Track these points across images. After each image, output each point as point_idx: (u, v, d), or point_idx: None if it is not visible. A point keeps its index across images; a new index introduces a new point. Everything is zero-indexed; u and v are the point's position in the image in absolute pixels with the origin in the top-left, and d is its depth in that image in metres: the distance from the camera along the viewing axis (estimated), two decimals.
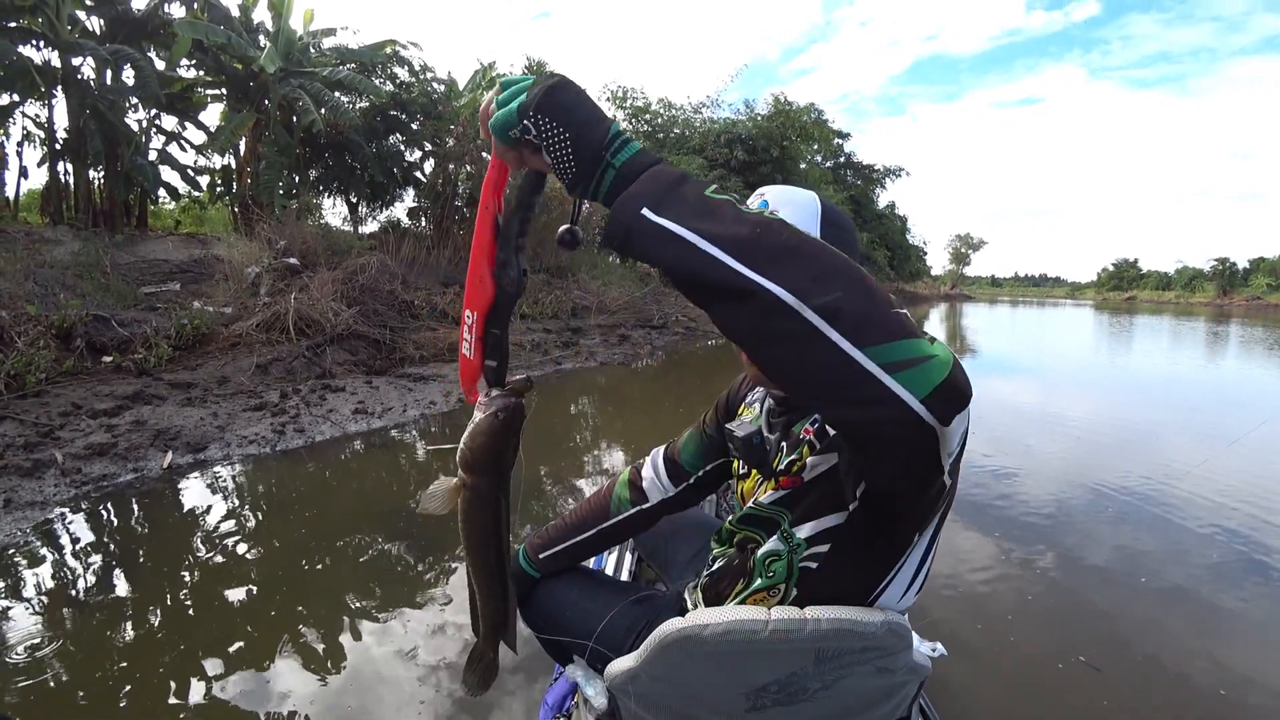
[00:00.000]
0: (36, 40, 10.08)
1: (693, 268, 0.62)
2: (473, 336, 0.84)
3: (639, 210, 0.64)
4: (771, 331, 0.60)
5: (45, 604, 2.54)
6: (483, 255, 0.81)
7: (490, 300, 0.82)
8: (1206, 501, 3.99)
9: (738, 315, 0.62)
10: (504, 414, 0.82)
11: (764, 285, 0.60)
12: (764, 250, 0.61)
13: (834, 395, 0.61)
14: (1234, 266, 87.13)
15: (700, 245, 0.61)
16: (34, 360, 5.00)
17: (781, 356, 0.61)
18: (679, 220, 0.63)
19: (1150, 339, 19.20)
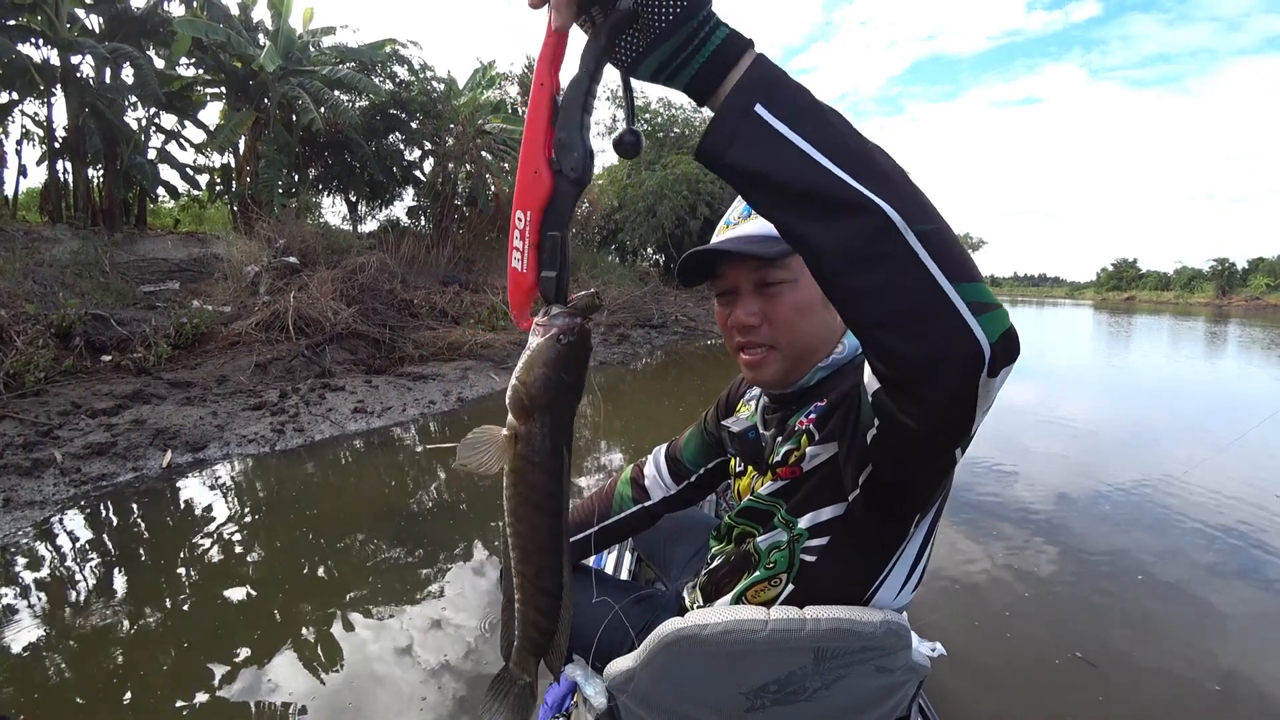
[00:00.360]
0: (36, 38, 10.08)
1: (802, 180, 0.59)
2: (525, 243, 0.71)
3: (750, 106, 0.59)
4: (872, 253, 0.59)
5: (45, 603, 2.54)
6: (537, 145, 0.69)
7: (548, 194, 0.70)
8: (1202, 501, 4.00)
9: (839, 232, 0.59)
10: (568, 337, 0.68)
11: (876, 201, 0.58)
12: (875, 167, 0.59)
13: (913, 326, 0.60)
14: (1233, 267, 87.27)
15: (813, 155, 0.58)
16: (33, 359, 5.00)
17: (873, 281, 0.59)
18: (792, 123, 0.59)
19: (1149, 339, 19.22)
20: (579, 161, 0.69)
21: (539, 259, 0.72)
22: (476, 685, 2.08)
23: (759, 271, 1.01)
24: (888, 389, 0.68)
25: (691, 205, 18.75)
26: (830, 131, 0.59)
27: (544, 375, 0.68)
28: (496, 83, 14.34)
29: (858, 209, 0.58)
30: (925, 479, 0.80)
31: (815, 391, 1.03)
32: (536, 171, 0.70)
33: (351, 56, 12.65)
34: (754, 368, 1.05)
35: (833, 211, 0.58)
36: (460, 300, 9.67)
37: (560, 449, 0.71)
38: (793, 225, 0.61)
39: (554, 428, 0.70)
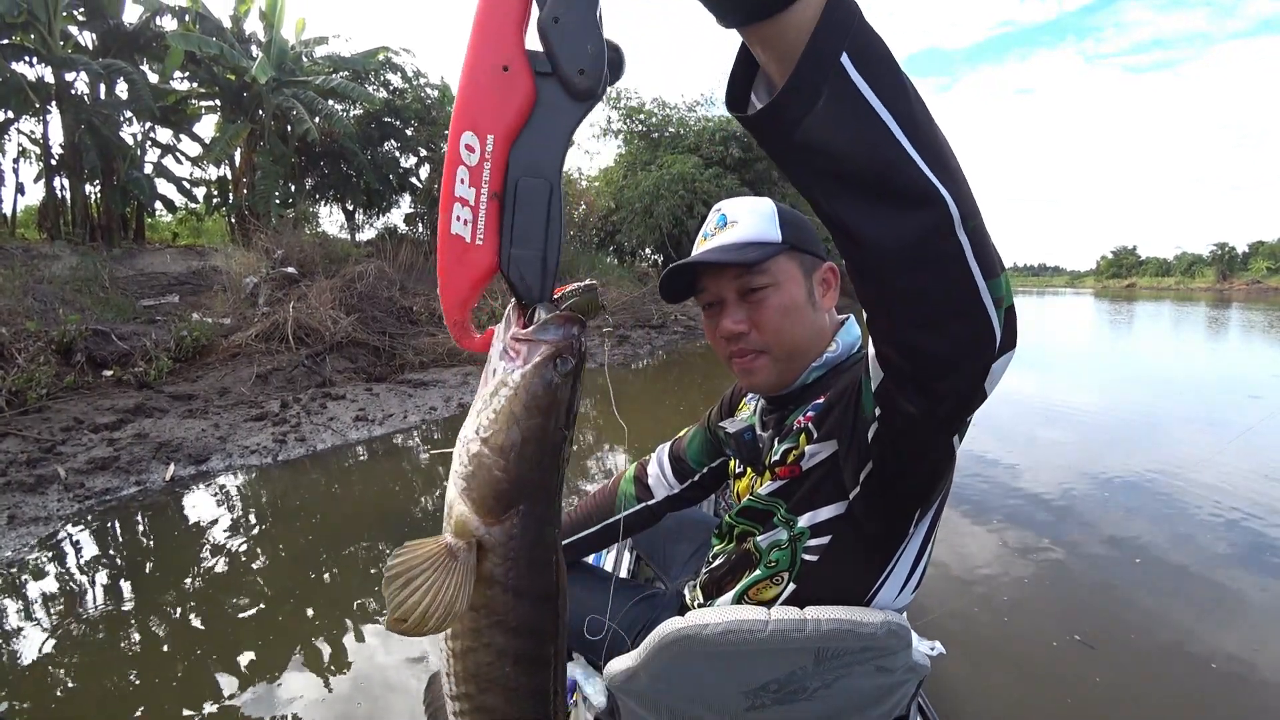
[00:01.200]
0: (29, 57, 10.12)
1: (879, 163, 0.51)
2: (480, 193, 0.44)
3: (836, 57, 0.47)
4: (928, 253, 0.54)
5: (53, 618, 2.55)
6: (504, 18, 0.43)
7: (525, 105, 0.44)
8: (1201, 489, 3.99)
9: (902, 228, 0.53)
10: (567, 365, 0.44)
11: (943, 194, 0.52)
12: (945, 150, 0.53)
13: (946, 326, 0.58)
14: (1233, 251, 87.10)
15: (895, 132, 0.50)
16: (35, 376, 5.01)
17: (921, 283, 0.56)
18: (879, 88, 0.49)
19: (1151, 326, 19.19)
20: (593, 60, 0.44)
21: (504, 222, 0.45)
22: None
23: (740, 279, 1.01)
24: (897, 381, 0.68)
25: (688, 205, 18.73)
26: (910, 102, 0.51)
27: (536, 434, 0.43)
28: None
29: (926, 202, 0.52)
30: (925, 469, 0.80)
31: (812, 390, 1.03)
32: (506, 67, 0.44)
33: (345, 66, 12.68)
34: (747, 374, 1.05)
35: (901, 203, 0.52)
36: None
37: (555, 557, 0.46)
38: (850, 216, 0.53)
39: (544, 523, 0.44)
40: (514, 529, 0.43)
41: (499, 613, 0.43)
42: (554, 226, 0.46)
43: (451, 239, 0.45)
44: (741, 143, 21.42)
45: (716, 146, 20.82)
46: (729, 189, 18.87)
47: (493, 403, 0.43)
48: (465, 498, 0.43)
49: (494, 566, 0.42)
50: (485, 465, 0.42)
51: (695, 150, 20.63)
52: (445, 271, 0.46)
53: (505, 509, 0.42)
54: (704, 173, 19.27)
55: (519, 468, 0.42)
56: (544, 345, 0.44)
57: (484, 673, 0.44)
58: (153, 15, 11.31)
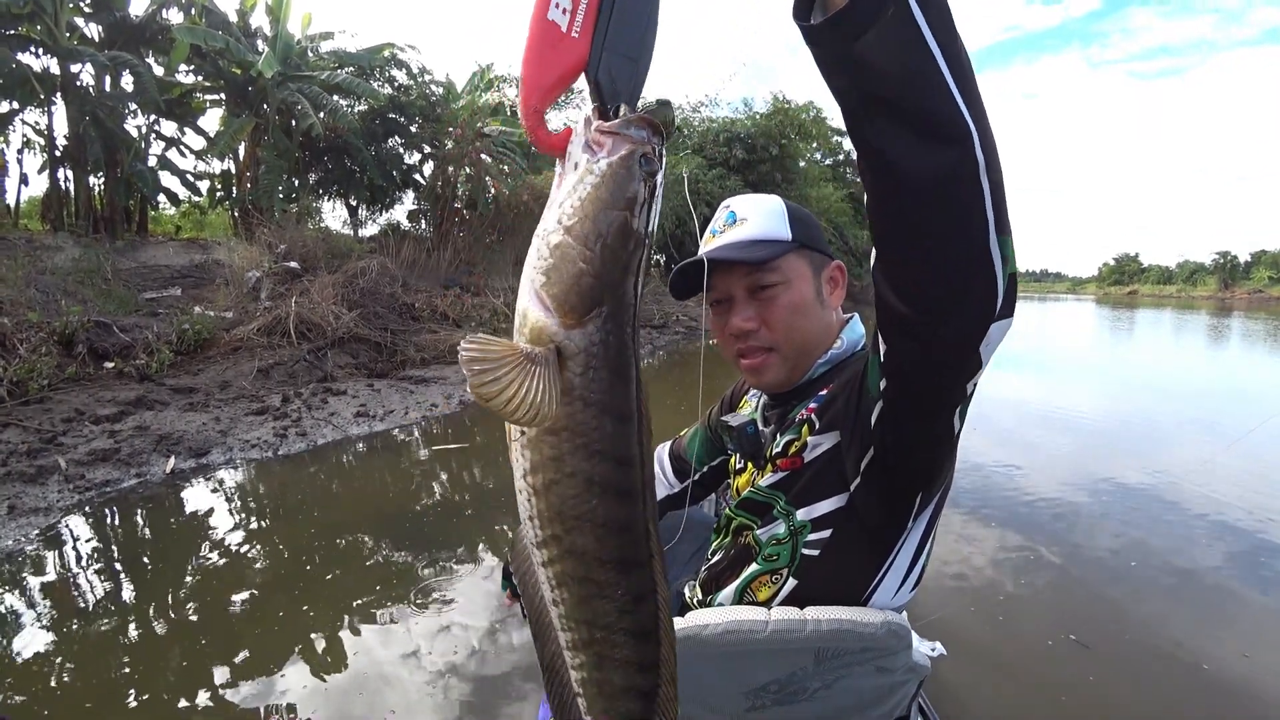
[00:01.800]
0: (35, 47, 10.12)
1: (922, 92, 0.53)
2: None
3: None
4: (952, 193, 0.56)
5: (51, 609, 2.55)
6: None
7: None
8: (1198, 494, 3.99)
9: (933, 163, 0.55)
10: (654, 165, 0.43)
11: (974, 134, 0.54)
12: (978, 92, 0.55)
13: (954, 272, 0.60)
14: (1235, 260, 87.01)
15: (940, 63, 0.52)
16: (36, 367, 5.01)
17: (940, 223, 0.57)
18: (930, 18, 0.52)
19: (1152, 333, 19.17)
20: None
21: (603, 22, 0.42)
22: (484, 687, 2.09)
23: (751, 277, 1.01)
24: (897, 333, 0.69)
25: (690, 205, 18.75)
26: (958, 45, 0.53)
27: (620, 227, 0.40)
28: (495, 85, 14.35)
29: (958, 139, 0.54)
30: (926, 446, 0.81)
31: (816, 385, 1.03)
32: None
33: (350, 61, 12.68)
34: (756, 372, 1.05)
35: (935, 136, 0.54)
36: (461, 303, 9.68)
37: (634, 363, 0.42)
38: (885, 140, 0.55)
39: (627, 330, 0.41)
40: (595, 333, 0.39)
41: (581, 433, 0.39)
42: (650, 35, 0.45)
43: (546, 24, 0.42)
44: (746, 144, 21.43)
45: (720, 147, 20.83)
46: (733, 190, 18.88)
47: (578, 190, 0.40)
48: (545, 294, 0.39)
49: (574, 376, 0.38)
50: (569, 256, 0.39)
51: (699, 151, 20.64)
52: (534, 57, 0.42)
53: (587, 308, 0.39)
54: (708, 173, 19.28)
55: (603, 259, 0.39)
56: (629, 141, 0.42)
57: (570, 508, 0.40)
58: (159, 8, 11.32)
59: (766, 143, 21.95)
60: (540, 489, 0.40)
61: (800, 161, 25.03)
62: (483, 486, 4.11)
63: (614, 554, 0.42)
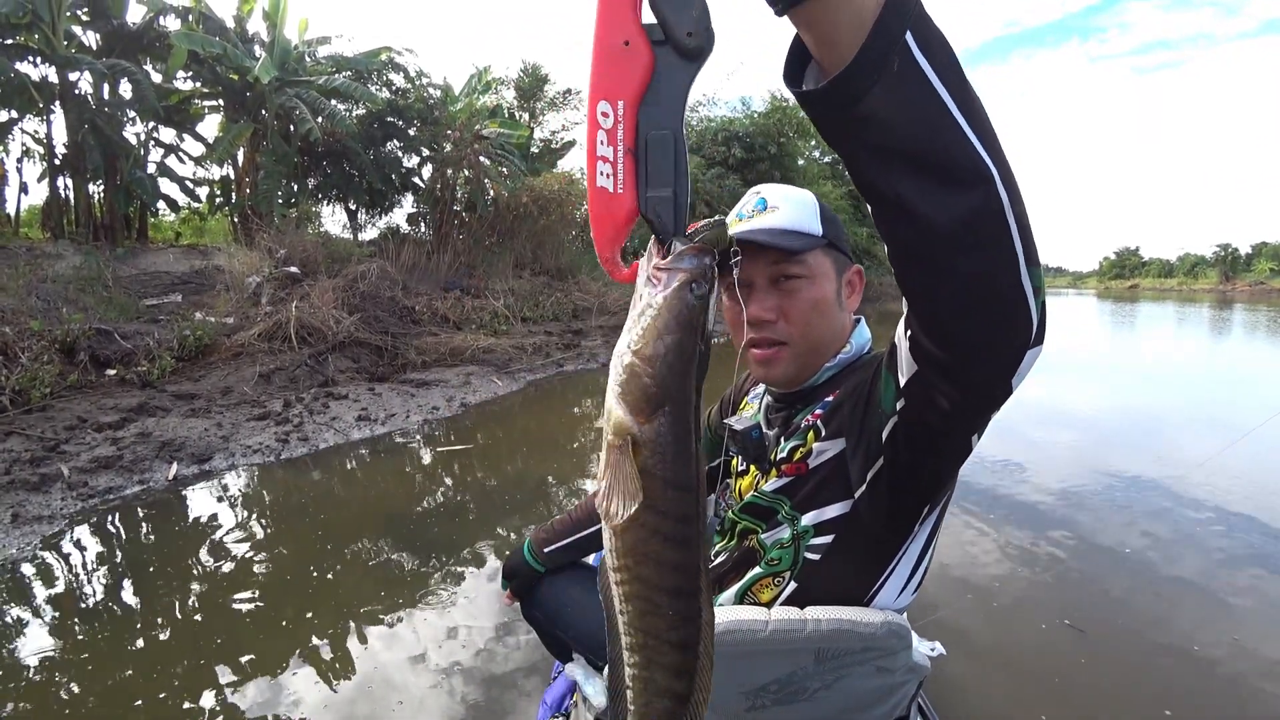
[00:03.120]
0: (33, 56, 10.12)
1: (938, 141, 0.52)
2: (617, 150, 0.52)
3: (902, 34, 0.49)
4: (979, 236, 0.54)
5: (56, 616, 2.56)
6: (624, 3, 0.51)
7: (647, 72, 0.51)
8: (1201, 490, 3.99)
9: (955, 208, 0.53)
10: (703, 287, 0.52)
11: (995, 176, 0.53)
12: (993, 131, 0.53)
13: (988, 314, 0.59)
14: (1236, 252, 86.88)
15: (953, 111, 0.51)
16: (38, 375, 5.02)
17: (969, 266, 0.56)
18: (938, 65, 0.50)
19: (1154, 326, 19.15)
20: (697, 21, 0.50)
21: (639, 172, 0.52)
22: (491, 690, 2.09)
23: (776, 266, 0.99)
24: (932, 371, 0.68)
25: (690, 205, 18.74)
26: (966, 84, 0.52)
27: (676, 346, 0.50)
28: (493, 88, 14.36)
29: (980, 182, 0.53)
30: (939, 467, 0.81)
31: (822, 390, 1.03)
32: (627, 42, 0.50)
33: (347, 66, 12.69)
34: (765, 365, 1.03)
35: (954, 181, 0.53)
36: (461, 306, 9.69)
37: (695, 451, 0.53)
38: (901, 191, 0.54)
39: (685, 423, 0.52)
40: (661, 426, 0.51)
41: (650, 497, 0.51)
42: (680, 170, 0.53)
43: (598, 191, 0.53)
44: (744, 143, 21.41)
45: (719, 147, 20.82)
46: (731, 189, 18.86)
47: (641, 321, 0.52)
48: (621, 401, 0.51)
49: (646, 458, 0.51)
50: (637, 373, 0.51)
51: (697, 150, 20.62)
52: (596, 218, 0.54)
53: (654, 410, 0.51)
54: (706, 173, 19.27)
55: (663, 374, 0.50)
56: (681, 273, 0.51)
57: (638, 548, 0.53)
58: (156, 15, 11.32)
59: (765, 141, 21.94)
60: (619, 531, 0.53)
61: (799, 159, 25.01)
62: (485, 488, 4.11)
63: (670, 584, 0.55)
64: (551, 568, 1.42)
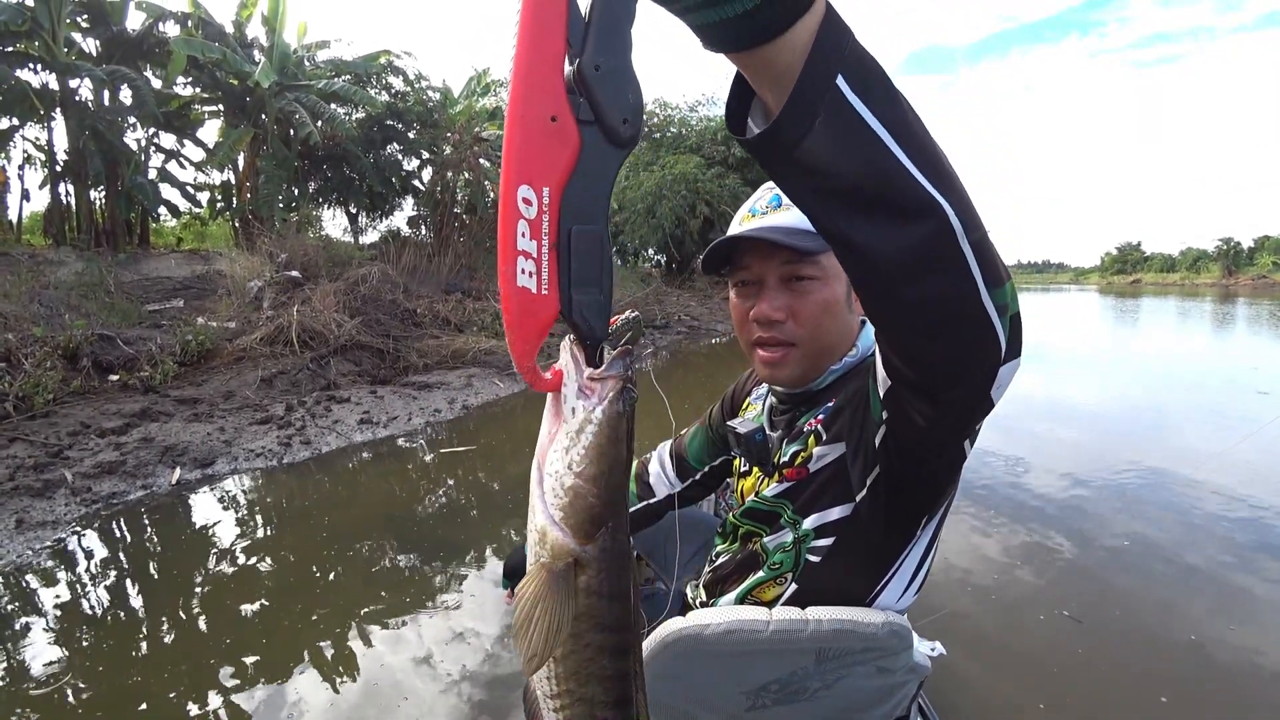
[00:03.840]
0: (34, 64, 10.16)
1: (877, 178, 0.51)
2: (541, 245, 0.46)
3: (832, 78, 0.47)
4: (929, 263, 0.54)
5: (61, 621, 2.56)
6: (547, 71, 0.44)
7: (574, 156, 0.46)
8: (1207, 487, 3.98)
9: (902, 240, 0.53)
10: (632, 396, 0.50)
11: (942, 204, 0.52)
12: (941, 161, 0.53)
13: (951, 335, 0.58)
14: (1238, 246, 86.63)
15: (891, 147, 0.50)
16: (41, 381, 5.03)
17: (924, 292, 0.55)
18: (873, 103, 0.49)
19: (1156, 320, 19.11)
20: (634, 108, 0.45)
21: (564, 270, 0.47)
22: (496, 692, 2.09)
23: (789, 265, 0.98)
24: (905, 389, 0.68)
25: (691, 205, 18.74)
26: (905, 115, 0.51)
27: (618, 461, 0.48)
28: (492, 90, 14.37)
29: (925, 213, 0.52)
30: (931, 474, 0.81)
31: (826, 393, 1.02)
32: (555, 119, 0.44)
33: (347, 69, 12.72)
34: (771, 365, 1.02)
35: (900, 215, 0.52)
36: (463, 308, 9.69)
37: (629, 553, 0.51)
38: (847, 229, 0.53)
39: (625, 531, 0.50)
40: (605, 543, 0.49)
41: (596, 615, 0.49)
42: (607, 269, 0.49)
43: (519, 291, 0.46)
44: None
45: (719, 146, 20.82)
46: (731, 188, 18.85)
47: (581, 439, 0.48)
48: (562, 525, 0.48)
49: (591, 578, 0.48)
50: (581, 495, 0.47)
51: (697, 150, 20.63)
52: (513, 322, 0.48)
53: (598, 529, 0.48)
54: (706, 173, 19.26)
55: (608, 492, 0.48)
56: (614, 380, 0.48)
57: (584, 669, 0.51)
58: (155, 21, 11.36)
59: None
60: (561, 658, 0.50)
61: None
62: (488, 489, 4.12)
63: (614, 697, 0.53)
64: None
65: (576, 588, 0.48)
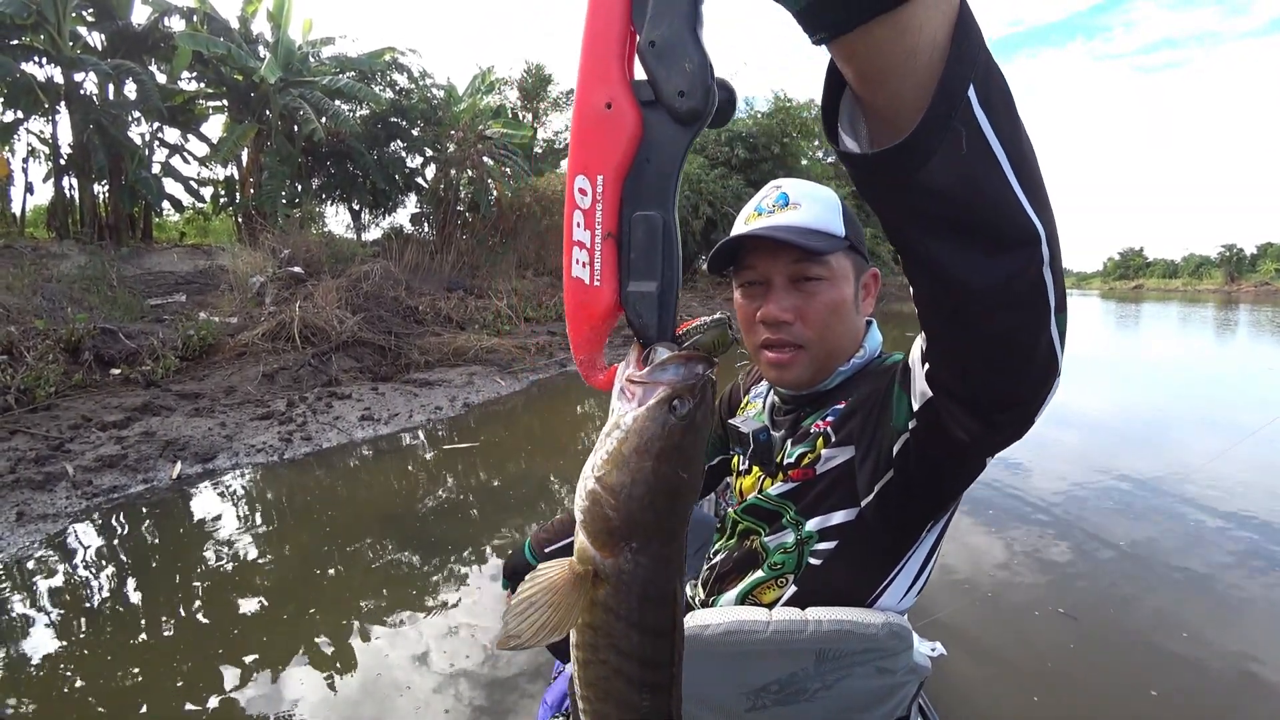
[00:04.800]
0: (39, 57, 10.19)
1: (990, 207, 0.46)
2: (594, 235, 0.45)
3: (964, 90, 0.42)
4: (1017, 296, 0.51)
5: (60, 614, 2.57)
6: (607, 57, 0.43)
7: (633, 140, 0.43)
8: (1198, 485, 3.98)
9: (996, 271, 0.49)
10: (687, 406, 0.43)
11: (1040, 234, 0.48)
12: (1043, 183, 0.49)
13: (1023, 368, 0.57)
14: (1241, 252, 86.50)
15: (1007, 173, 0.45)
16: (43, 374, 5.04)
17: (1006, 325, 0.53)
18: (997, 123, 0.44)
19: (1158, 326, 19.09)
20: (695, 80, 0.41)
21: (621, 261, 0.45)
22: (495, 690, 2.09)
23: (798, 265, 0.96)
24: (956, 406, 0.66)
25: (693, 205, 18.74)
26: (1023, 141, 0.46)
27: (651, 476, 0.42)
28: (496, 88, 14.39)
29: (1025, 243, 0.48)
30: (949, 485, 0.81)
31: (833, 395, 1.01)
32: (610, 105, 0.43)
33: (351, 66, 12.73)
34: (779, 367, 1.00)
35: (998, 244, 0.48)
36: (465, 305, 9.70)
37: (670, 593, 0.46)
38: (941, 255, 0.49)
39: (663, 560, 0.45)
40: (625, 564, 0.44)
41: (612, 636, 0.46)
42: (669, 259, 0.45)
43: (573, 282, 0.46)
44: (747, 143, 21.41)
45: (722, 147, 20.83)
46: (735, 189, 18.85)
47: (605, 443, 0.44)
48: (583, 529, 0.45)
49: (607, 595, 0.45)
50: (598, 502, 0.44)
51: (701, 151, 20.62)
52: (570, 314, 0.48)
53: (617, 544, 0.44)
54: (710, 173, 19.26)
55: (628, 507, 0.43)
56: (659, 387, 0.43)
57: (600, 684, 0.48)
58: (161, 16, 11.38)
59: (768, 141, 21.96)
60: (581, 662, 0.49)
61: (802, 160, 25.00)
62: (488, 487, 4.12)
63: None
64: None
65: (592, 599, 0.45)
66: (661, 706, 0.50)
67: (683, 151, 0.44)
